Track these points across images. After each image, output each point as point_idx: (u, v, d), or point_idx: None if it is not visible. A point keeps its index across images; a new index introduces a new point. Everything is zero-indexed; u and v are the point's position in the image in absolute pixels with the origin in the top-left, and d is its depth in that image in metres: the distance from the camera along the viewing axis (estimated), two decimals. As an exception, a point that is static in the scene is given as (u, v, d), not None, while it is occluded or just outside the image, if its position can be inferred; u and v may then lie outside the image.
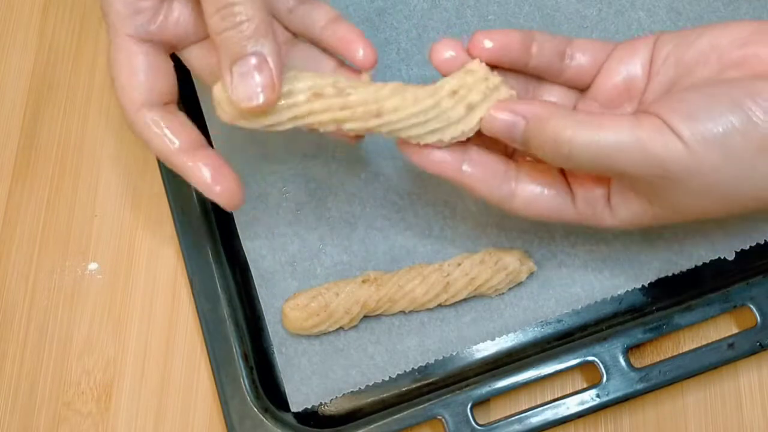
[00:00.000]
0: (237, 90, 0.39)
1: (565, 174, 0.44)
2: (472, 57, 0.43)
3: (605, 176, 0.42)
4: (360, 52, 0.45)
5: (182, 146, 0.43)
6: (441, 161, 0.43)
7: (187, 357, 0.54)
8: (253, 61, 0.39)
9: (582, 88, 0.46)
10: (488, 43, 0.42)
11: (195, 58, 0.46)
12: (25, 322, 0.55)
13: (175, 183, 0.54)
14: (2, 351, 0.55)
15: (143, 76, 0.43)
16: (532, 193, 0.43)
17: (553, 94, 0.46)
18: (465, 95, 0.41)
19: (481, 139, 0.43)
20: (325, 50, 0.47)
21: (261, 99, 0.39)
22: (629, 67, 0.44)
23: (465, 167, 0.43)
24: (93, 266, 0.56)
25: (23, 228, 0.57)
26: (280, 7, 0.46)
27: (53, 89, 0.60)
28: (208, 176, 0.43)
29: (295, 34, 0.48)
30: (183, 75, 0.47)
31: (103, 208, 0.57)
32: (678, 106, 0.38)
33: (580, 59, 0.44)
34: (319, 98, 0.41)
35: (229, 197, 0.43)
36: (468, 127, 0.41)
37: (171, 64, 0.45)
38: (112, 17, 0.42)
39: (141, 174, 0.58)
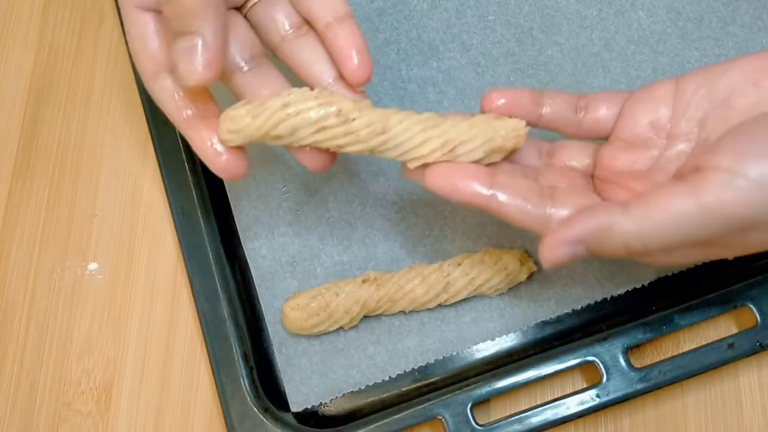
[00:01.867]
0: (178, 67, 0.40)
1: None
2: (485, 112, 0.44)
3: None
4: (351, 69, 0.44)
5: (194, 114, 0.43)
6: (463, 186, 0.41)
7: (187, 357, 0.54)
8: (186, 42, 0.40)
9: (603, 138, 0.45)
10: (501, 101, 0.44)
11: None
12: (25, 322, 0.55)
13: (174, 182, 0.54)
14: (2, 351, 0.55)
15: (155, 44, 0.43)
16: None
17: (573, 146, 0.46)
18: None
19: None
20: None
21: (199, 78, 0.40)
22: (654, 106, 0.43)
23: (492, 191, 0.41)
24: (93, 266, 0.56)
25: (23, 228, 0.57)
26: None
27: (53, 89, 0.60)
28: (216, 146, 0.43)
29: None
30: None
31: (103, 208, 0.57)
32: (745, 149, 0.36)
33: (596, 110, 0.44)
34: (323, 130, 0.42)
35: (235, 168, 0.44)
36: (486, 138, 0.42)
37: None
38: None
39: (141, 174, 0.58)
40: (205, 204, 0.54)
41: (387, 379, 0.51)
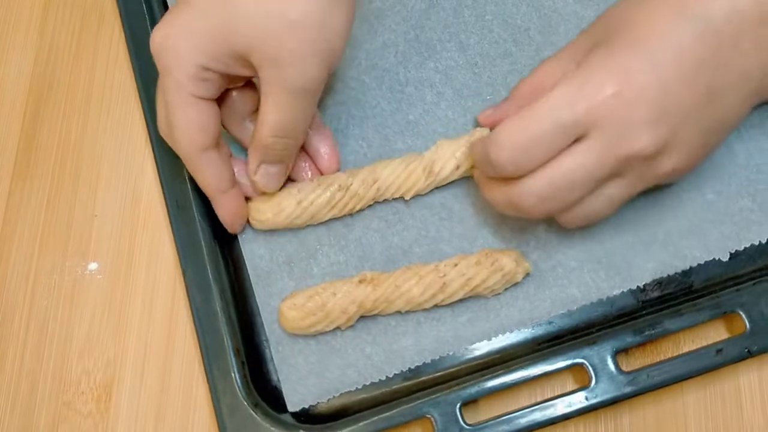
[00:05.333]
0: (257, 178, 0.51)
1: None
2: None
3: None
4: (323, 164, 0.54)
5: (227, 183, 0.51)
6: None
7: (186, 357, 0.54)
8: (276, 169, 0.51)
9: None
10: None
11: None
12: (25, 322, 0.55)
13: (170, 176, 0.55)
14: (2, 351, 0.55)
15: (207, 125, 0.48)
16: None
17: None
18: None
19: None
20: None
21: (270, 189, 0.52)
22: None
23: None
24: (93, 266, 0.56)
25: (23, 228, 0.57)
26: None
27: (53, 89, 0.60)
28: (230, 212, 0.52)
29: None
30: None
31: (103, 208, 0.58)
32: None
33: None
34: (334, 207, 0.52)
35: (236, 230, 0.54)
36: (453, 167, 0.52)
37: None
38: (179, 76, 0.46)
39: (141, 174, 0.58)
40: (200, 198, 0.54)
41: (383, 378, 0.52)
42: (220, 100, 0.50)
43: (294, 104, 0.47)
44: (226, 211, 0.52)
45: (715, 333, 0.52)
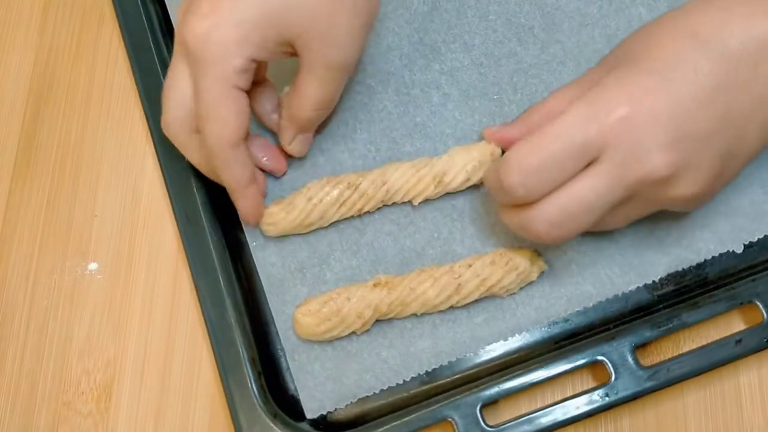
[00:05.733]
0: (293, 147, 0.53)
1: None
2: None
3: None
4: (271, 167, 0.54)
5: (252, 175, 0.50)
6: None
7: (187, 357, 0.54)
8: (308, 135, 0.53)
9: None
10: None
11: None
12: (25, 322, 0.55)
13: (179, 188, 0.55)
14: (2, 351, 0.55)
15: (243, 119, 0.48)
16: None
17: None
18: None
19: None
20: None
21: (302, 154, 0.54)
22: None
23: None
24: (93, 266, 0.56)
25: (23, 228, 0.57)
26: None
27: (53, 89, 0.60)
28: (254, 204, 0.51)
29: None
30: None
31: (103, 208, 0.57)
32: None
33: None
34: (343, 204, 0.52)
35: (254, 223, 0.53)
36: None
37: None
38: (226, 68, 0.46)
39: (141, 174, 0.58)
40: (209, 209, 0.54)
41: (401, 382, 0.51)
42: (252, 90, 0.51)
43: (336, 79, 0.49)
44: (251, 203, 0.51)
45: (731, 325, 0.51)
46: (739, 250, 0.51)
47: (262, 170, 0.54)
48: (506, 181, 0.43)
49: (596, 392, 0.48)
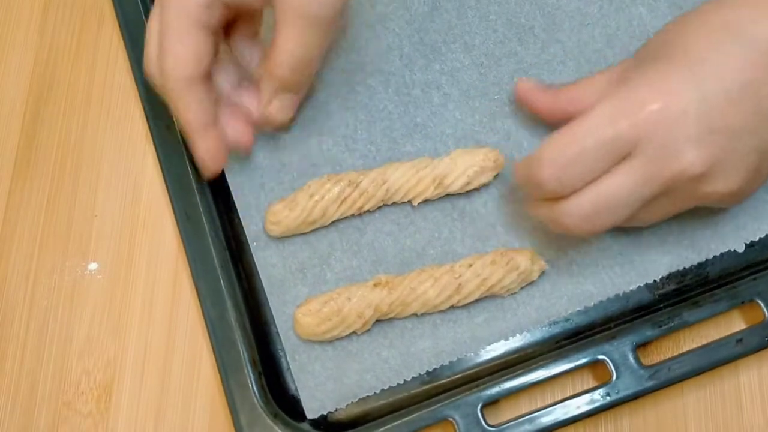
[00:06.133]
0: (273, 109, 0.51)
1: None
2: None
3: None
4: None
5: (209, 119, 0.49)
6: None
7: (187, 357, 0.54)
8: (290, 98, 0.51)
9: None
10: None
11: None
12: (25, 322, 0.55)
13: (178, 187, 0.54)
14: (2, 351, 0.55)
15: (202, 56, 0.47)
16: None
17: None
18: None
19: None
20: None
21: (284, 119, 0.52)
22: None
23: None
24: (93, 266, 0.56)
25: (23, 228, 0.57)
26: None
27: (53, 89, 0.60)
28: (210, 150, 0.50)
29: None
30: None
31: (103, 208, 0.57)
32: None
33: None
34: (344, 202, 0.52)
35: (214, 171, 0.51)
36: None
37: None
38: (188, 2, 0.45)
39: (141, 174, 0.58)
40: (209, 209, 0.54)
41: (402, 382, 0.51)
42: (228, 27, 0.50)
43: (313, 34, 0.47)
44: (206, 149, 0.49)
45: (732, 324, 0.51)
46: (741, 249, 0.51)
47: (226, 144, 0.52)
48: (539, 175, 0.43)
49: (597, 392, 0.48)
